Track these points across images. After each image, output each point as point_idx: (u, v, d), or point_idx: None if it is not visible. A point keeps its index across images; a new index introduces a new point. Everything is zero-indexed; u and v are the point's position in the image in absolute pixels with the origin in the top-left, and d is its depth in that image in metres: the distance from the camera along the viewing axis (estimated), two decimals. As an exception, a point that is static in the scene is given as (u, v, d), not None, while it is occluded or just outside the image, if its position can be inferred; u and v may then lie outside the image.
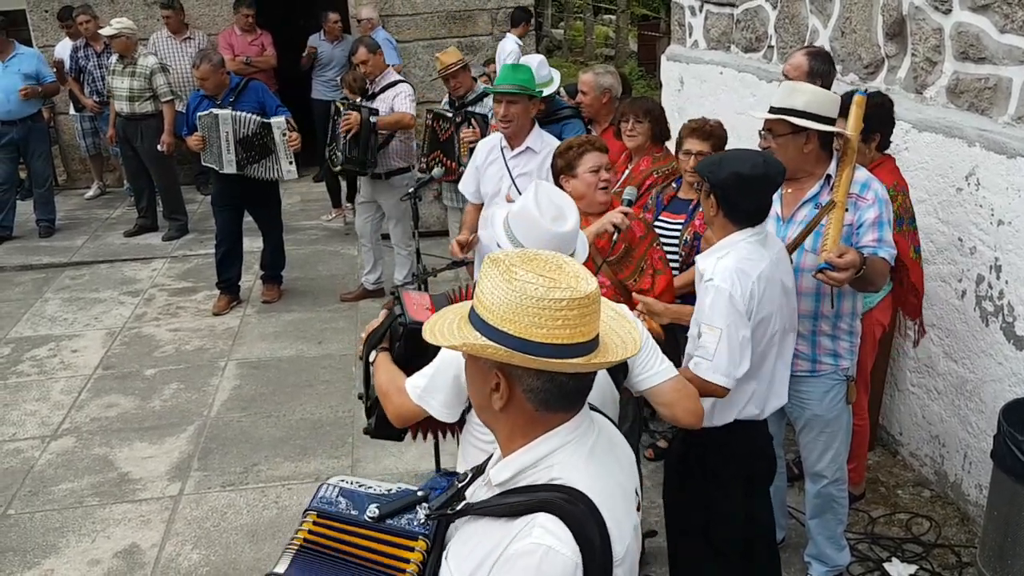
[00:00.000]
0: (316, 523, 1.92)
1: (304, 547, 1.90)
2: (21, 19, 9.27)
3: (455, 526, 1.61)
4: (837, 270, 2.72)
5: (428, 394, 2.10)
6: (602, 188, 3.10)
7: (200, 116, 5.85)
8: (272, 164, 5.89)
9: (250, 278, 6.76)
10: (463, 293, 2.46)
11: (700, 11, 6.53)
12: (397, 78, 6.06)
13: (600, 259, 3.02)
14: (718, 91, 6.10)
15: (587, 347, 1.42)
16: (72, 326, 6.22)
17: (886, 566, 3.51)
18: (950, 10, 3.71)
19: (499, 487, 1.50)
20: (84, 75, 8.33)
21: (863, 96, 3.07)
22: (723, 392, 2.57)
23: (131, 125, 7.60)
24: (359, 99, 5.93)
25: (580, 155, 3.11)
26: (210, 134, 5.82)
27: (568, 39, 20.32)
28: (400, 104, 5.82)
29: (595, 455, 1.50)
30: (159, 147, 7.52)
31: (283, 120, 5.82)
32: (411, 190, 4.68)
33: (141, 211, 8.13)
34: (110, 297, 6.74)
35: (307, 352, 5.66)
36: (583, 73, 4.88)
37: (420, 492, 1.94)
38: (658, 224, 3.77)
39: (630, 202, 3.12)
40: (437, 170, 5.01)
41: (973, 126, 3.61)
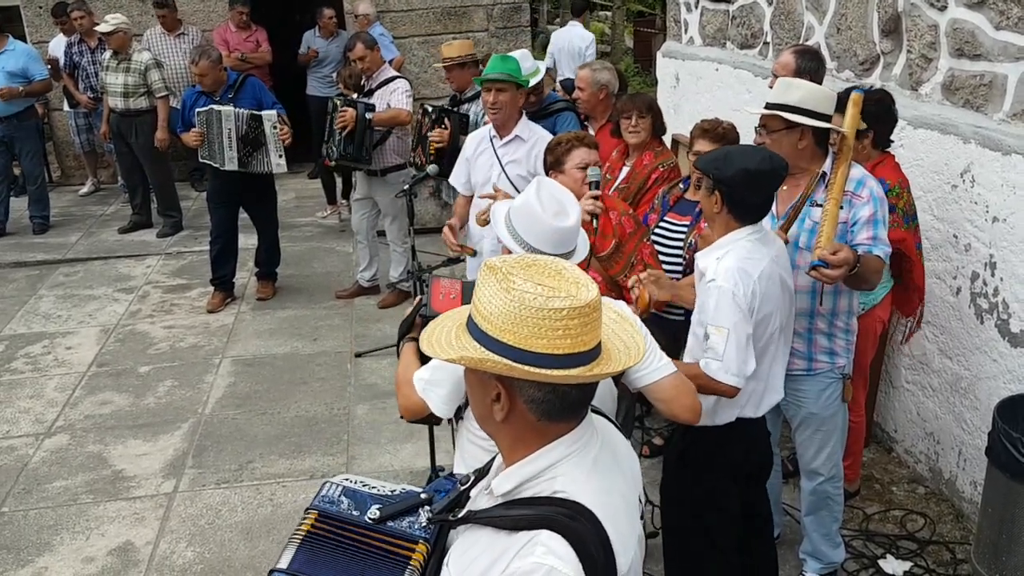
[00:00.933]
0: (317, 521, 1.91)
1: (308, 539, 1.88)
2: (15, 15, 9.22)
3: (456, 531, 1.59)
4: (831, 267, 2.72)
5: (431, 387, 2.09)
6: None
7: (199, 112, 5.82)
8: (263, 157, 5.87)
9: (245, 275, 6.75)
10: None
11: (696, 7, 6.53)
12: (393, 74, 6.04)
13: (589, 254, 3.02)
14: (714, 88, 6.10)
15: (589, 356, 1.39)
16: (66, 323, 6.20)
17: (881, 563, 3.52)
18: (945, 7, 3.71)
19: (502, 497, 1.47)
20: (78, 71, 8.28)
21: (860, 94, 3.07)
22: (733, 392, 2.57)
23: (125, 121, 7.57)
24: (355, 95, 5.92)
25: (568, 151, 3.13)
26: (211, 131, 5.80)
27: (564, 36, 20.23)
28: (396, 100, 5.80)
29: (598, 466, 1.47)
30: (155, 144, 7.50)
31: (274, 113, 5.80)
32: (407, 187, 4.67)
33: (135, 208, 8.10)
34: (104, 294, 6.72)
35: (302, 349, 5.65)
36: (580, 69, 4.87)
37: (424, 495, 1.92)
38: (663, 225, 3.75)
39: (596, 184, 3.12)
40: (432, 167, 5.01)
41: (968, 123, 3.61)
